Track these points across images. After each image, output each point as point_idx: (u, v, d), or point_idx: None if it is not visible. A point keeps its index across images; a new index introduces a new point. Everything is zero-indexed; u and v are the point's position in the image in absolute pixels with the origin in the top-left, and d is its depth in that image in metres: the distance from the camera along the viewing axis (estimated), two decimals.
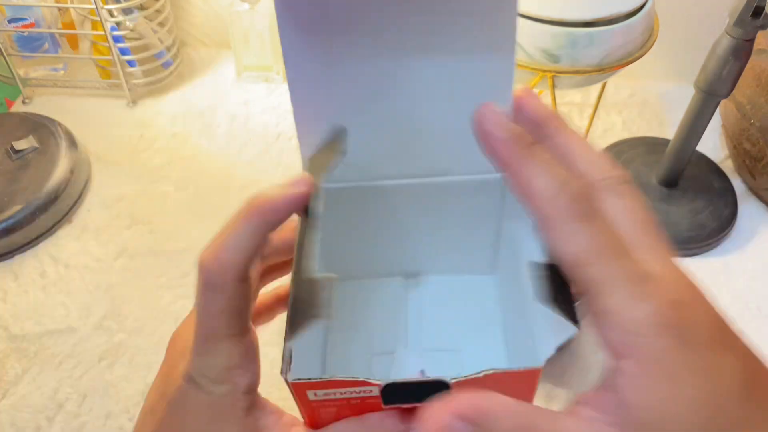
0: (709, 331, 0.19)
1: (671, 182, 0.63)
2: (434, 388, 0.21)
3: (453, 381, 0.21)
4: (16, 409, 0.49)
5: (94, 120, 0.72)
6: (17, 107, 0.73)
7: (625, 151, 0.67)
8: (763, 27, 0.49)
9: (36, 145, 0.64)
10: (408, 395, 0.22)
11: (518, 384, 0.22)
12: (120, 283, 0.57)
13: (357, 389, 0.22)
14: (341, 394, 0.22)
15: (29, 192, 0.60)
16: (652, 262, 0.20)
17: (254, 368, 0.23)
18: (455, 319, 0.23)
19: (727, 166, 0.68)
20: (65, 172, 0.62)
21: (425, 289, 0.25)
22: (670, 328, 0.18)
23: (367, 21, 0.21)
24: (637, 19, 0.53)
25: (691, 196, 0.63)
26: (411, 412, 0.23)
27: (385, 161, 0.26)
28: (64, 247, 0.60)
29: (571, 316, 0.21)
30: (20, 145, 0.63)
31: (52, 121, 0.67)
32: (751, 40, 0.50)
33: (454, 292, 0.23)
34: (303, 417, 0.24)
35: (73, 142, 0.65)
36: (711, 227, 0.60)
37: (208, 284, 0.22)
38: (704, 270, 0.59)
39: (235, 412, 0.22)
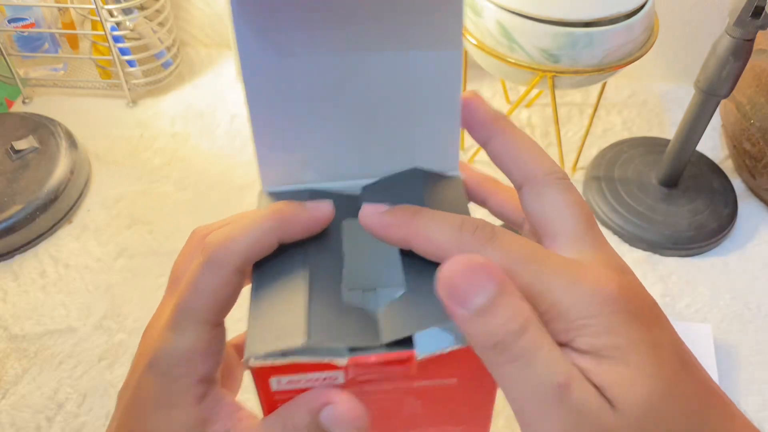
0: (645, 307, 0.20)
1: (671, 182, 0.63)
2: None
3: (423, 357, 0.21)
4: (16, 409, 0.49)
5: (94, 120, 0.72)
6: (17, 107, 0.73)
7: (625, 151, 0.67)
8: (763, 27, 0.49)
9: (36, 145, 0.64)
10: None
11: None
12: (120, 283, 0.57)
13: (323, 375, 0.21)
14: (306, 381, 0.22)
15: (29, 192, 0.60)
16: (589, 249, 0.21)
17: (215, 359, 0.23)
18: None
19: (727, 166, 0.68)
20: (65, 172, 0.62)
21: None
22: (612, 303, 0.19)
23: (321, 15, 0.22)
24: (637, 19, 0.53)
25: (691, 196, 0.63)
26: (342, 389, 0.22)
27: (344, 160, 0.26)
28: (64, 247, 0.60)
29: None
30: (20, 145, 0.63)
31: (52, 121, 0.67)
32: (751, 40, 0.50)
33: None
34: (263, 412, 0.23)
35: (73, 142, 0.65)
36: (711, 227, 0.60)
37: (209, 261, 0.22)
38: (704, 270, 0.59)
39: (187, 399, 0.23)
